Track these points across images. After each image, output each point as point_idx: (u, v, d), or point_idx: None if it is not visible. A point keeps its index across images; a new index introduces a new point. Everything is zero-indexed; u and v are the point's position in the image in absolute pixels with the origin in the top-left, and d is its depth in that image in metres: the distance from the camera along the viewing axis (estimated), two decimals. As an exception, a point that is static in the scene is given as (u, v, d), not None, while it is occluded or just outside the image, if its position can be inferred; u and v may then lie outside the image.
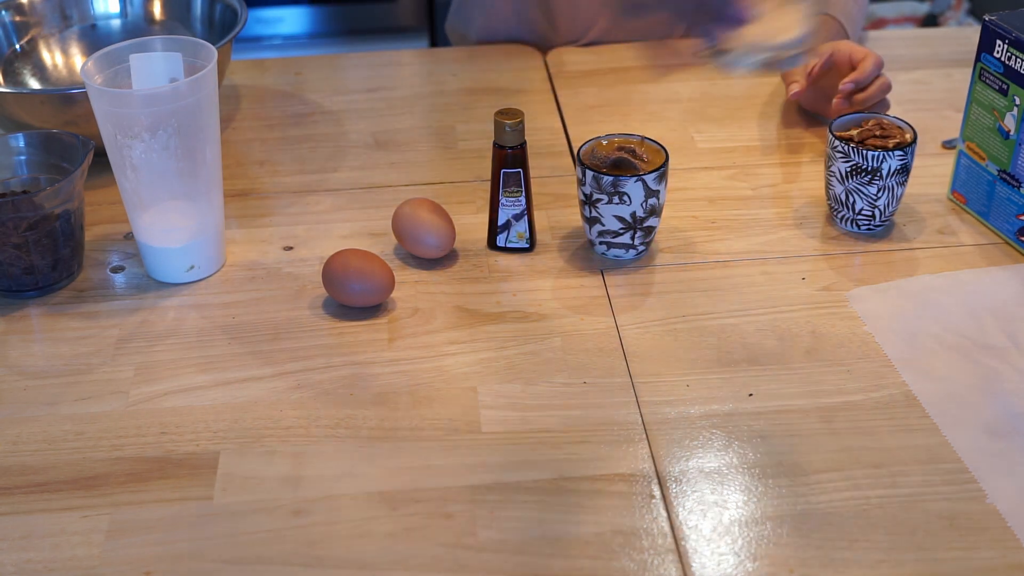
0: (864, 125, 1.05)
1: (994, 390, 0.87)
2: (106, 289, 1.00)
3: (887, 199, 1.02)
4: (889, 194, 1.02)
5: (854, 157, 1.01)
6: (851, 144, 1.01)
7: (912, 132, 1.03)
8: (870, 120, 1.05)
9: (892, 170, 1.00)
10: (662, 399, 0.87)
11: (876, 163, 1.00)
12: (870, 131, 1.03)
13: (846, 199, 1.03)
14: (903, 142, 1.01)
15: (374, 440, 0.84)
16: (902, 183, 1.02)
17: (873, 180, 1.01)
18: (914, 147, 1.01)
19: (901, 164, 1.00)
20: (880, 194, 1.02)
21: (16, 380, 0.90)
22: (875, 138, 1.02)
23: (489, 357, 0.91)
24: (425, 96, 1.32)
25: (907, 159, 1.01)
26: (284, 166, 1.18)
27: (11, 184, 1.01)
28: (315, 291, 0.99)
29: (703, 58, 1.04)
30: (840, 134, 1.03)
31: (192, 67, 0.97)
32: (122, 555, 0.75)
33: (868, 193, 1.02)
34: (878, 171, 1.00)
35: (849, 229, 1.05)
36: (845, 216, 1.04)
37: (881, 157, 1.00)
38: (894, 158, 1.00)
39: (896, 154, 1.00)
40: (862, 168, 1.01)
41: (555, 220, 1.08)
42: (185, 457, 0.82)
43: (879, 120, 1.05)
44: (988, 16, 1.01)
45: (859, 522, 0.76)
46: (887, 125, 1.04)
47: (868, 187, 1.01)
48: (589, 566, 0.74)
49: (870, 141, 1.02)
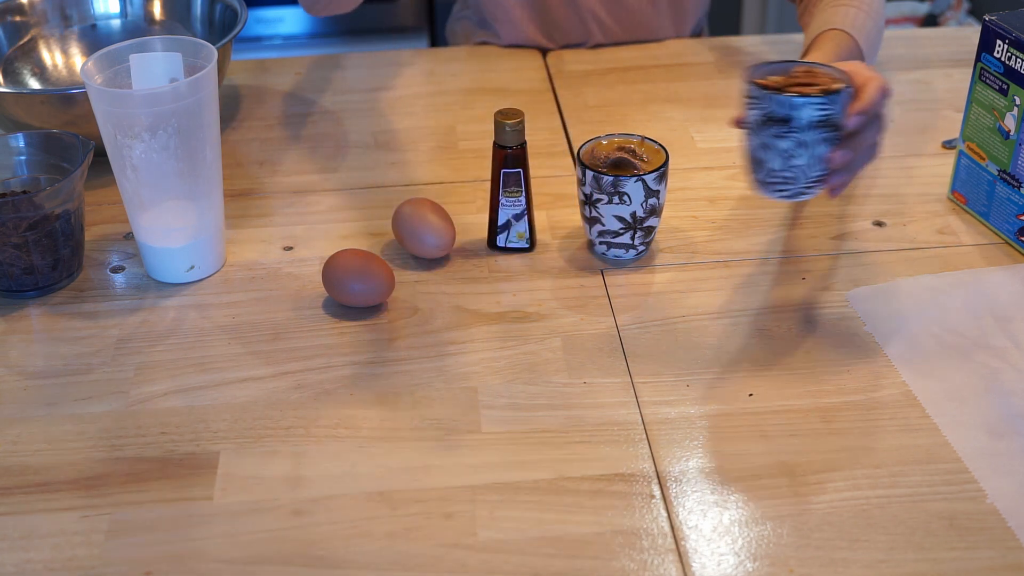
0: (792, 73, 0.92)
1: (994, 390, 0.87)
2: (106, 289, 1.00)
3: (807, 158, 0.87)
4: (807, 152, 0.87)
5: (765, 103, 0.87)
6: (763, 88, 0.88)
7: (846, 82, 0.89)
8: (800, 67, 0.92)
9: (810, 121, 0.86)
10: (662, 399, 0.87)
11: (789, 110, 0.86)
12: (795, 78, 0.91)
13: (759, 156, 0.90)
14: (828, 90, 0.88)
15: (374, 440, 0.84)
16: (827, 141, 0.87)
17: (788, 132, 0.87)
18: (842, 96, 0.87)
19: (822, 115, 0.86)
20: (796, 150, 0.87)
21: (16, 380, 0.90)
22: (799, 86, 0.89)
23: (489, 357, 0.91)
24: (425, 96, 1.32)
25: (831, 109, 0.86)
26: (284, 166, 1.18)
27: (11, 184, 1.01)
28: (315, 291, 0.99)
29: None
30: (757, 81, 0.90)
31: (192, 67, 0.97)
32: (122, 555, 0.75)
33: (780, 148, 0.88)
34: (790, 119, 0.86)
35: (766, 195, 0.92)
36: (759, 178, 0.91)
37: (795, 103, 0.86)
38: (812, 106, 0.86)
39: (815, 101, 0.86)
40: (773, 116, 0.87)
41: (555, 220, 1.08)
42: (185, 457, 0.82)
43: (810, 68, 0.92)
44: (988, 16, 1.01)
45: (859, 522, 0.76)
46: (819, 74, 0.91)
47: (780, 140, 0.88)
48: (589, 566, 0.74)
49: (792, 89, 0.89)
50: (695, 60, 1.38)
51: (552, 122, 1.26)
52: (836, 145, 0.88)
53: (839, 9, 1.15)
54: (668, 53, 1.40)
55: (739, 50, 1.41)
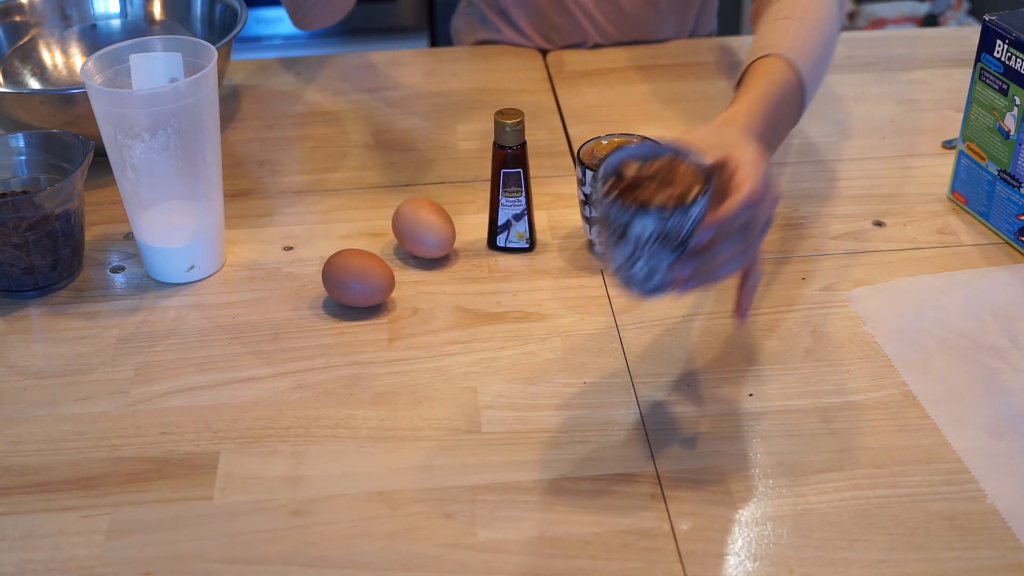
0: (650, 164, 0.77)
1: (994, 390, 0.87)
2: (106, 289, 1.00)
3: (646, 267, 0.76)
4: (646, 262, 0.75)
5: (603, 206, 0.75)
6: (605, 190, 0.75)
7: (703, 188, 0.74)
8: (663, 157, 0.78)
9: (648, 234, 0.73)
10: (662, 399, 0.87)
11: (625, 219, 0.74)
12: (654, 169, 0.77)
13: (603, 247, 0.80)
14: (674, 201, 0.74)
15: (374, 440, 0.84)
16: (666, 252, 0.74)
17: (621, 242, 0.75)
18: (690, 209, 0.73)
19: (660, 230, 0.73)
20: (635, 257, 0.75)
21: (16, 380, 0.90)
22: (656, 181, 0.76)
23: (489, 357, 0.91)
24: (425, 96, 1.32)
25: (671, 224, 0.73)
26: (284, 166, 1.18)
27: (11, 184, 1.01)
28: (315, 291, 0.99)
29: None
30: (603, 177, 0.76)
31: (192, 67, 0.97)
32: (122, 555, 0.75)
33: (618, 251, 0.76)
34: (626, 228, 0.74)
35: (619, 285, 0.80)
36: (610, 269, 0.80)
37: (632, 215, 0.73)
38: (650, 219, 0.73)
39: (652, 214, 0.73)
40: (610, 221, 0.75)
41: (555, 220, 1.08)
42: (185, 457, 0.82)
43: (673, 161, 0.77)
44: (988, 16, 1.01)
45: (859, 522, 0.76)
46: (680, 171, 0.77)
47: (619, 246, 0.75)
48: (589, 566, 0.74)
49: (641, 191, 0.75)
50: (695, 60, 1.38)
51: (552, 122, 1.26)
52: (679, 257, 0.75)
53: (781, 24, 1.01)
54: (668, 53, 1.40)
55: (739, 50, 1.41)
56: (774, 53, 0.97)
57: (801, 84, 0.97)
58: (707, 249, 0.76)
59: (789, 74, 0.96)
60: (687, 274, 0.76)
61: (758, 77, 0.95)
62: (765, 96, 0.92)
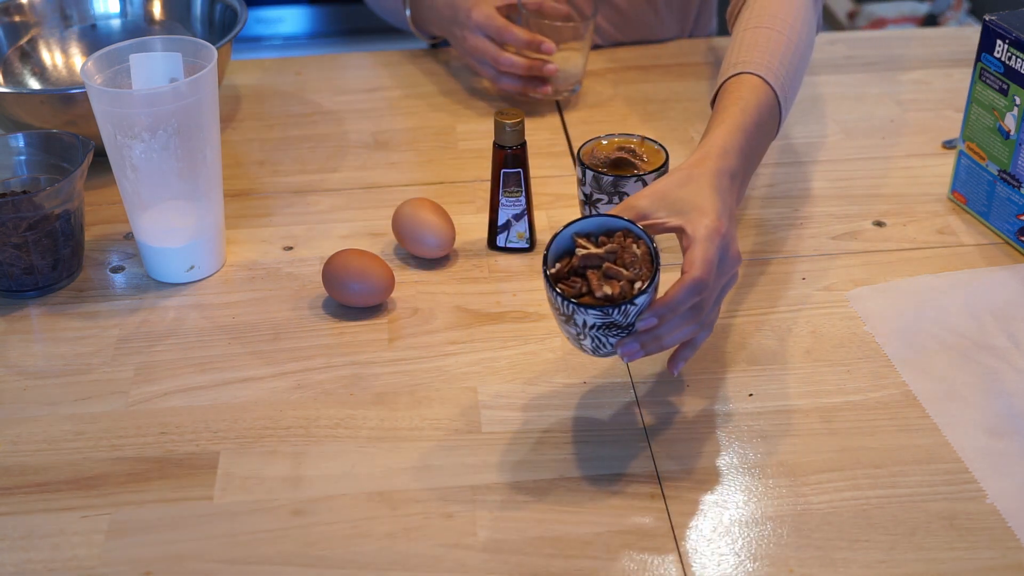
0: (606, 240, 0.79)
1: (994, 390, 0.87)
2: (106, 289, 1.00)
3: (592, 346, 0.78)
4: (592, 343, 0.78)
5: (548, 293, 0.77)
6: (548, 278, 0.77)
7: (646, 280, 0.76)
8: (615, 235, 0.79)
9: (589, 324, 0.76)
10: (662, 399, 0.87)
11: (567, 311, 0.76)
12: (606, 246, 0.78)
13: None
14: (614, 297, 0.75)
15: (374, 440, 0.84)
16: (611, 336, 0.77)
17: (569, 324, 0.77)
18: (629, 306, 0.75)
19: (601, 323, 0.75)
20: (581, 337, 0.78)
21: (16, 380, 0.90)
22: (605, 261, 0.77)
23: (489, 357, 0.91)
24: (425, 96, 1.32)
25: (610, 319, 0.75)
26: (284, 166, 1.18)
27: (11, 184, 1.01)
28: (315, 291, 0.99)
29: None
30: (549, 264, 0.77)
31: (192, 67, 0.97)
32: (122, 555, 0.75)
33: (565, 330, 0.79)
34: (572, 319, 0.76)
35: None
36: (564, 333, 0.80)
37: (572, 309, 0.75)
38: (590, 314, 0.75)
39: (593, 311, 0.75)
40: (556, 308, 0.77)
41: (555, 220, 1.08)
42: (185, 457, 0.82)
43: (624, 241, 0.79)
44: (988, 16, 1.01)
45: (859, 522, 0.76)
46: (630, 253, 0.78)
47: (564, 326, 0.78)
48: (589, 566, 0.74)
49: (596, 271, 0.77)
50: (695, 60, 1.38)
51: (552, 122, 1.26)
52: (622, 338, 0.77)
53: (754, 35, 0.99)
54: (668, 53, 1.40)
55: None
56: (748, 71, 0.95)
57: (777, 102, 0.95)
58: (654, 329, 0.78)
59: (764, 93, 0.94)
60: (633, 350, 0.78)
61: (733, 101, 0.92)
62: (740, 124, 0.90)
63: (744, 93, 0.93)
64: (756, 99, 0.93)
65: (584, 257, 0.77)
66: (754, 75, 0.94)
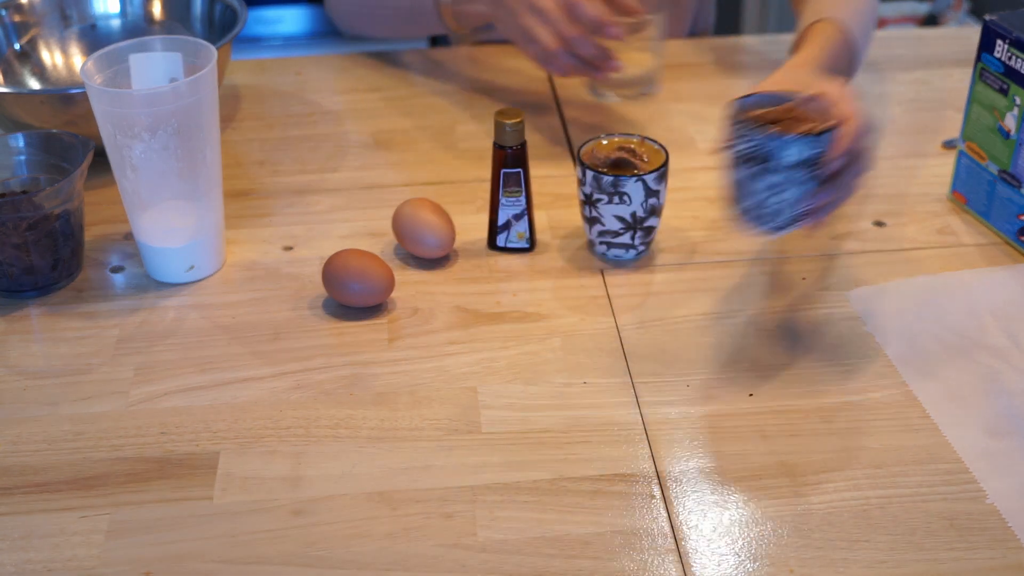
0: (777, 108, 0.89)
1: (994, 390, 0.87)
2: (106, 289, 1.00)
3: (790, 196, 0.85)
4: (791, 189, 0.85)
5: (746, 140, 0.85)
6: (745, 125, 0.85)
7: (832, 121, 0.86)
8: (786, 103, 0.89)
9: (790, 161, 0.84)
10: (662, 399, 0.87)
11: (770, 149, 0.84)
12: (779, 114, 0.88)
13: (738, 190, 0.88)
14: (815, 130, 0.85)
15: (374, 440, 0.84)
16: (808, 178, 0.85)
17: (766, 171, 0.85)
18: (827, 137, 0.84)
19: (801, 156, 0.84)
20: (781, 187, 0.85)
21: (16, 380, 0.90)
22: (784, 121, 0.86)
23: (489, 357, 0.91)
24: (425, 96, 1.32)
25: (816, 150, 0.84)
26: (284, 166, 1.18)
27: (11, 184, 1.01)
28: (315, 291, 0.99)
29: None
30: (745, 115, 0.86)
31: (192, 67, 0.97)
32: (122, 555, 0.75)
33: (765, 184, 0.86)
34: (769, 159, 0.84)
35: (747, 228, 0.89)
36: (741, 210, 0.89)
37: (777, 143, 0.83)
38: (793, 145, 0.83)
39: (796, 141, 0.83)
40: (754, 155, 0.84)
41: (555, 220, 1.08)
42: (185, 457, 0.82)
43: (792, 106, 0.89)
44: (988, 16, 1.01)
45: (859, 522, 0.76)
46: (802, 114, 0.88)
47: (767, 176, 0.85)
48: (589, 566, 0.74)
49: (778, 125, 0.86)
50: (695, 60, 1.38)
51: (552, 122, 1.26)
52: (819, 183, 0.85)
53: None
54: (668, 53, 1.40)
55: (739, 50, 1.41)
56: (826, 18, 1.07)
57: (854, 47, 1.07)
58: (838, 176, 0.86)
59: (842, 37, 1.06)
60: (826, 200, 0.86)
61: (814, 38, 1.05)
62: (825, 50, 1.03)
63: (825, 32, 1.06)
64: (837, 39, 1.06)
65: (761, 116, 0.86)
66: (832, 22, 1.07)
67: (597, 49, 1.10)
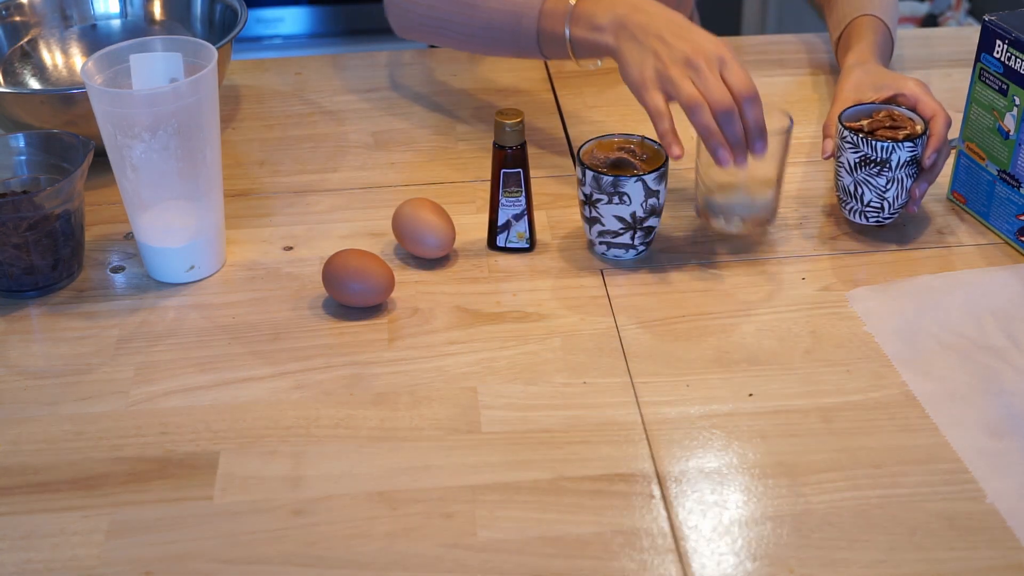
0: (875, 116, 1.04)
1: (994, 390, 0.87)
2: (106, 289, 1.00)
3: (896, 191, 1.01)
4: (898, 186, 1.01)
5: (863, 148, 1.00)
6: (860, 135, 1.00)
7: (923, 124, 1.01)
8: (881, 111, 1.04)
9: (901, 161, 0.99)
10: (662, 399, 0.87)
11: (885, 154, 0.99)
12: (880, 122, 1.03)
13: (855, 190, 1.02)
14: (913, 134, 1.00)
15: (374, 440, 0.84)
16: (911, 175, 1.01)
17: (882, 171, 1.00)
18: (924, 139, 1.00)
19: (911, 156, 1.00)
20: (889, 186, 1.01)
21: (16, 380, 0.90)
22: (885, 129, 1.02)
23: (489, 357, 0.91)
24: (425, 96, 1.32)
25: (917, 151, 1.00)
26: (284, 166, 1.18)
27: (11, 184, 1.01)
28: (315, 291, 0.99)
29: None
30: (850, 125, 1.02)
31: (192, 67, 0.97)
32: (122, 555, 0.75)
33: (877, 185, 1.01)
34: (887, 162, 0.99)
35: (858, 221, 1.04)
36: (854, 208, 1.03)
37: (890, 148, 0.99)
38: (903, 149, 0.99)
39: (906, 145, 0.99)
40: (871, 159, 1.00)
41: (555, 220, 1.08)
42: (185, 457, 0.82)
43: (890, 112, 1.04)
44: (988, 16, 1.01)
45: (859, 522, 0.76)
46: (898, 116, 1.03)
47: (877, 178, 1.00)
48: (589, 566, 0.74)
49: (880, 132, 1.01)
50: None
51: (552, 122, 1.26)
52: (917, 177, 1.02)
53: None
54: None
55: (739, 50, 1.41)
56: (868, 14, 1.21)
57: (893, 41, 1.22)
58: (934, 167, 1.02)
59: (886, 31, 1.21)
60: (925, 190, 1.02)
61: (864, 33, 1.19)
62: (878, 45, 1.18)
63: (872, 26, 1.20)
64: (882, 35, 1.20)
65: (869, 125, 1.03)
66: (874, 17, 1.21)
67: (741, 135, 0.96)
